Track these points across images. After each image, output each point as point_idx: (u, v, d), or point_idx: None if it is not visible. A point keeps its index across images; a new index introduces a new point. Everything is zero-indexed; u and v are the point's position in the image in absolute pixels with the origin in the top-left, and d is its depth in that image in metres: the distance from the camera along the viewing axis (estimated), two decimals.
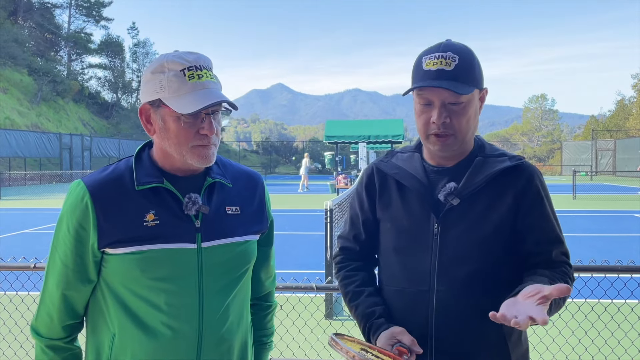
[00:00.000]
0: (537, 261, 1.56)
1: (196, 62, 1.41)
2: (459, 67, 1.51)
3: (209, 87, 1.41)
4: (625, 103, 55.23)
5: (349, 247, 1.79)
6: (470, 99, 1.54)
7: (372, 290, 1.69)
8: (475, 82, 1.55)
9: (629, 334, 4.39)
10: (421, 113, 1.57)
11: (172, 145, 1.42)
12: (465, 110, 1.54)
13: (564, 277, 1.52)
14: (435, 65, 1.51)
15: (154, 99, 1.40)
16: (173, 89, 1.37)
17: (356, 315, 1.67)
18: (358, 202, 1.77)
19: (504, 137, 67.17)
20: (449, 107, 1.53)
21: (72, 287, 1.44)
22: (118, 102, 58.15)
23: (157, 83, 1.39)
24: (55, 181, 34.83)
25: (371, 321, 1.60)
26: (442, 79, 1.50)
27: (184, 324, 1.43)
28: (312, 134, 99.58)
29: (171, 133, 1.40)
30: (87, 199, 1.40)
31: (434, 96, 1.53)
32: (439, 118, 1.52)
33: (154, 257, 1.39)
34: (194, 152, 1.41)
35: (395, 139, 25.27)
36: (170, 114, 1.39)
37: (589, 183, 30.74)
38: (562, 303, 1.46)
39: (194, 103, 1.36)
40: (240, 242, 1.51)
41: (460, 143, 1.58)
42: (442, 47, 1.54)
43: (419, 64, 1.56)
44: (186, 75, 1.38)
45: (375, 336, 1.57)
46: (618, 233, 11.67)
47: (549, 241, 1.57)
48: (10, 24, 45.76)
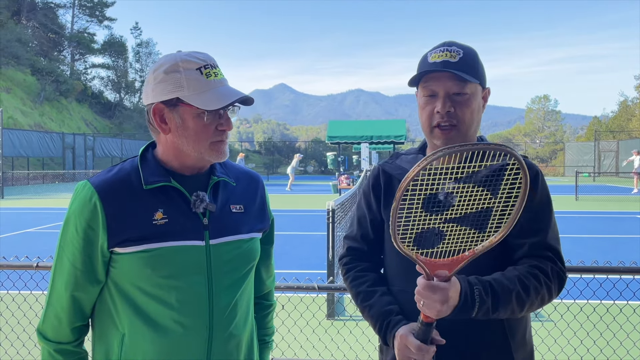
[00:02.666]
0: (520, 254, 1.56)
1: (208, 60, 1.44)
2: (463, 59, 1.56)
3: (225, 84, 1.45)
4: (628, 104, 55.10)
5: (357, 247, 1.79)
6: (473, 92, 1.58)
7: (385, 290, 1.68)
8: (478, 76, 1.59)
9: (631, 335, 4.38)
10: (425, 105, 1.60)
11: (191, 143, 1.44)
12: (470, 102, 1.57)
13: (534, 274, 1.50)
14: (441, 58, 1.56)
15: (170, 97, 1.41)
16: (193, 87, 1.40)
17: (370, 315, 1.65)
18: (365, 203, 1.79)
19: (506, 138, 67.03)
20: (453, 98, 1.56)
21: (80, 288, 1.45)
22: (121, 102, 58.25)
23: (174, 82, 1.40)
24: (58, 181, 34.88)
25: (390, 318, 1.59)
26: (448, 68, 1.54)
27: (195, 320, 1.44)
28: (315, 135, 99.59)
29: (190, 131, 1.43)
30: (96, 200, 1.41)
31: (439, 86, 1.56)
32: (443, 107, 1.55)
33: (164, 254, 1.41)
34: (212, 148, 1.45)
35: (397, 139, 25.28)
36: (190, 111, 1.41)
37: (592, 184, 30.69)
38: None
39: (218, 100, 1.40)
40: (246, 239, 1.54)
41: (463, 136, 1.59)
42: (447, 43, 1.60)
43: (424, 59, 1.62)
44: (203, 73, 1.41)
45: (392, 332, 1.55)
46: (620, 234, 11.64)
47: (531, 234, 1.55)
48: (13, 24, 45.89)
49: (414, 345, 1.41)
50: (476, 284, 1.42)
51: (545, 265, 1.52)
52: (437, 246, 1.35)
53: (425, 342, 1.41)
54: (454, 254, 1.35)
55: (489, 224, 1.33)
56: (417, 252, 1.35)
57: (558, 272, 1.54)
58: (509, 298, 1.45)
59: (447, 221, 1.34)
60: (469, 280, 1.43)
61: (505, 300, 1.44)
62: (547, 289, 1.50)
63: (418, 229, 1.35)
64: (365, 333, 4.42)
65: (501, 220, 1.32)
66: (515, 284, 1.46)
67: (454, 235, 1.35)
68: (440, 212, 1.33)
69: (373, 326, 1.65)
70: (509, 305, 1.45)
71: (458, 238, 1.35)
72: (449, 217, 1.34)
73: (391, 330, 1.56)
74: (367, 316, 1.67)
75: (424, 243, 1.35)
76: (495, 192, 1.30)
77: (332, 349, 4.49)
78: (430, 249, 1.35)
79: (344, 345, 4.53)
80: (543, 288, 1.49)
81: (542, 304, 1.52)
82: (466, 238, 1.35)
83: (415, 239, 1.35)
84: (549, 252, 1.55)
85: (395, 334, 1.52)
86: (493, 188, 1.29)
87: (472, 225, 1.34)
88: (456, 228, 1.34)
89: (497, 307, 1.44)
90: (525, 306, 1.48)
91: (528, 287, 1.47)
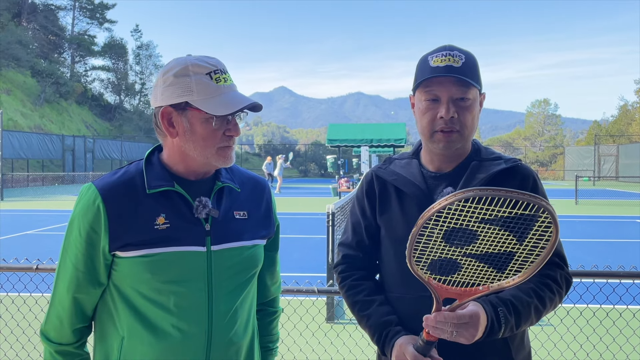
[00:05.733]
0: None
1: (219, 65, 1.44)
2: (466, 64, 1.55)
3: (234, 90, 1.45)
4: (628, 108, 55.14)
5: (352, 254, 1.77)
6: (475, 97, 1.58)
7: (383, 299, 1.66)
8: (479, 81, 1.59)
9: (630, 340, 4.37)
10: (426, 110, 1.58)
11: (198, 148, 1.43)
12: (472, 108, 1.57)
13: (547, 283, 1.53)
14: (444, 62, 1.54)
15: (179, 101, 1.41)
16: (203, 91, 1.40)
17: (369, 326, 1.63)
18: (359, 209, 1.77)
19: (506, 142, 67.07)
20: (457, 103, 1.55)
21: (82, 290, 1.45)
22: (121, 104, 58.25)
23: (183, 86, 1.40)
24: (57, 183, 34.86)
25: (389, 329, 1.57)
26: (452, 73, 1.53)
27: (194, 326, 1.44)
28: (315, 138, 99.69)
29: (198, 135, 1.42)
30: (99, 202, 1.41)
31: (442, 91, 1.55)
32: (447, 113, 1.54)
33: (165, 259, 1.40)
34: (219, 153, 1.45)
35: (397, 142, 25.26)
36: (198, 116, 1.41)
37: (592, 188, 30.67)
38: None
39: (228, 105, 1.39)
40: (248, 246, 1.53)
41: (464, 141, 1.59)
42: (448, 47, 1.59)
43: (424, 62, 1.59)
44: (213, 78, 1.41)
45: (391, 343, 1.54)
46: (620, 238, 11.64)
47: None
48: (14, 26, 45.93)
49: (412, 355, 1.41)
50: (499, 305, 1.43)
51: (554, 272, 1.55)
52: (452, 275, 1.34)
53: (423, 356, 1.41)
54: (467, 285, 1.34)
55: (510, 266, 1.31)
56: (430, 276, 1.34)
57: (565, 276, 1.58)
58: (529, 312, 1.47)
59: (466, 255, 1.32)
60: (491, 302, 1.43)
61: (526, 315, 1.47)
62: (559, 295, 1.54)
63: (435, 256, 1.33)
64: (365, 337, 4.40)
65: (523, 265, 1.30)
66: (532, 297, 1.48)
67: (471, 269, 1.33)
68: (461, 247, 1.32)
69: (371, 336, 1.63)
70: (529, 319, 1.48)
71: (475, 273, 1.34)
72: (469, 252, 1.32)
73: (390, 341, 1.55)
74: (364, 326, 1.65)
75: (439, 270, 1.34)
76: (521, 240, 1.28)
77: (331, 352, 4.48)
78: (444, 277, 1.34)
79: (343, 349, 4.52)
80: (556, 296, 1.53)
81: (553, 310, 1.56)
82: (483, 274, 1.33)
83: (430, 265, 1.34)
84: (556, 257, 1.58)
85: (395, 343, 1.52)
86: (520, 235, 1.27)
87: (491, 265, 1.32)
88: (474, 263, 1.33)
89: (520, 324, 1.46)
90: (542, 316, 1.52)
91: (543, 298, 1.50)
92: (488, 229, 1.27)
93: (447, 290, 1.34)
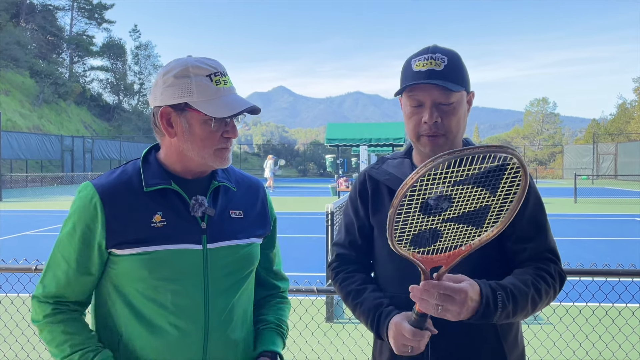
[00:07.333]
0: (523, 258, 1.58)
1: (219, 67, 1.46)
2: (449, 67, 1.54)
3: (234, 92, 1.46)
4: (626, 107, 55.22)
5: (345, 253, 1.78)
6: (459, 100, 1.57)
7: (375, 287, 1.68)
8: (463, 82, 1.58)
9: (630, 338, 4.38)
10: (412, 115, 1.59)
11: (196, 149, 1.45)
12: (456, 111, 1.56)
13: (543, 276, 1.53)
14: (426, 66, 1.54)
15: (179, 102, 1.42)
16: (202, 93, 1.41)
17: (362, 312, 1.63)
18: (352, 209, 1.78)
19: (505, 141, 67.02)
20: (440, 107, 1.55)
21: (70, 286, 1.46)
22: (120, 105, 58.25)
23: (183, 87, 1.41)
24: (56, 183, 34.86)
25: (381, 309, 1.57)
26: (433, 78, 1.52)
27: (191, 323, 1.45)
28: (314, 137, 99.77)
29: (196, 136, 1.44)
30: (97, 201, 1.42)
31: (425, 96, 1.54)
32: (431, 118, 1.54)
33: (161, 257, 1.42)
34: (217, 154, 1.46)
35: (396, 141, 25.26)
36: (197, 117, 1.42)
37: (591, 187, 30.70)
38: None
39: (227, 108, 1.41)
40: (244, 244, 1.54)
41: (450, 144, 1.59)
42: (431, 49, 1.58)
43: (408, 66, 1.59)
44: (213, 80, 1.43)
45: (386, 322, 1.53)
46: (619, 237, 11.65)
47: (531, 238, 1.58)
48: (12, 27, 45.92)
49: (410, 331, 1.40)
50: (498, 289, 1.42)
51: (549, 267, 1.56)
52: (434, 244, 1.35)
53: (420, 329, 1.40)
54: (451, 250, 1.35)
55: (487, 220, 1.34)
56: (414, 251, 1.35)
57: (559, 272, 1.58)
58: (526, 302, 1.47)
59: (445, 221, 1.34)
60: (491, 285, 1.43)
61: (523, 305, 1.46)
62: (553, 289, 1.54)
63: (415, 230, 1.34)
64: (364, 336, 4.42)
65: (499, 216, 1.33)
66: (530, 287, 1.48)
67: (451, 233, 1.35)
68: (439, 214, 1.33)
69: (365, 322, 1.63)
70: (525, 309, 1.47)
71: (455, 235, 1.35)
72: (447, 217, 1.34)
73: (384, 320, 1.54)
74: (358, 313, 1.65)
75: (421, 242, 1.35)
76: (494, 191, 1.31)
77: (331, 351, 4.48)
78: (427, 248, 1.35)
79: (342, 348, 4.53)
80: (551, 289, 1.53)
81: (547, 304, 1.55)
82: (463, 234, 1.35)
83: (412, 240, 1.35)
84: (550, 254, 1.59)
85: (389, 323, 1.51)
86: (492, 187, 1.30)
87: (469, 223, 1.34)
88: (453, 226, 1.34)
89: (516, 312, 1.45)
90: (537, 308, 1.51)
91: (540, 290, 1.50)
92: (462, 189, 1.30)
93: (432, 260, 1.34)
